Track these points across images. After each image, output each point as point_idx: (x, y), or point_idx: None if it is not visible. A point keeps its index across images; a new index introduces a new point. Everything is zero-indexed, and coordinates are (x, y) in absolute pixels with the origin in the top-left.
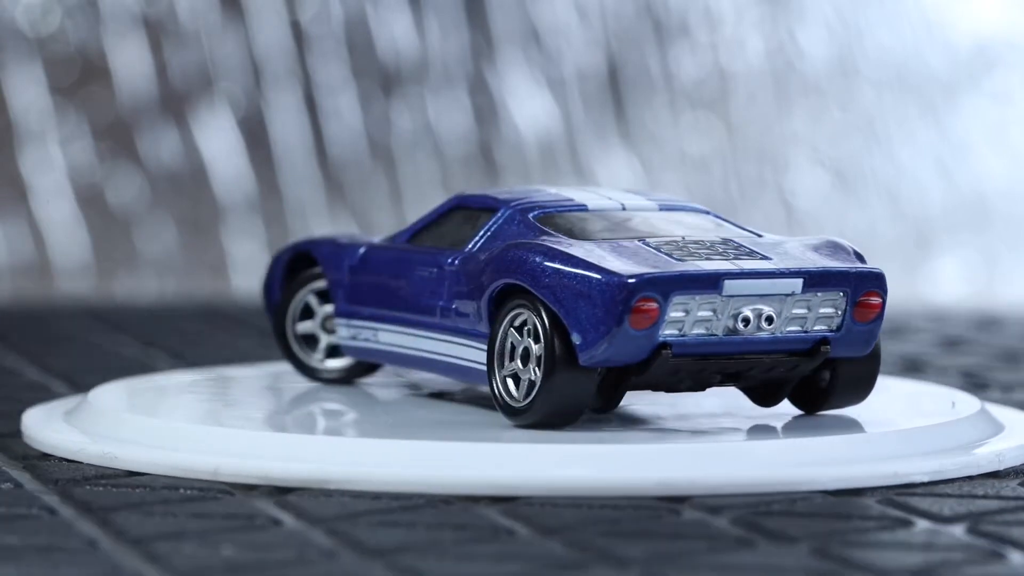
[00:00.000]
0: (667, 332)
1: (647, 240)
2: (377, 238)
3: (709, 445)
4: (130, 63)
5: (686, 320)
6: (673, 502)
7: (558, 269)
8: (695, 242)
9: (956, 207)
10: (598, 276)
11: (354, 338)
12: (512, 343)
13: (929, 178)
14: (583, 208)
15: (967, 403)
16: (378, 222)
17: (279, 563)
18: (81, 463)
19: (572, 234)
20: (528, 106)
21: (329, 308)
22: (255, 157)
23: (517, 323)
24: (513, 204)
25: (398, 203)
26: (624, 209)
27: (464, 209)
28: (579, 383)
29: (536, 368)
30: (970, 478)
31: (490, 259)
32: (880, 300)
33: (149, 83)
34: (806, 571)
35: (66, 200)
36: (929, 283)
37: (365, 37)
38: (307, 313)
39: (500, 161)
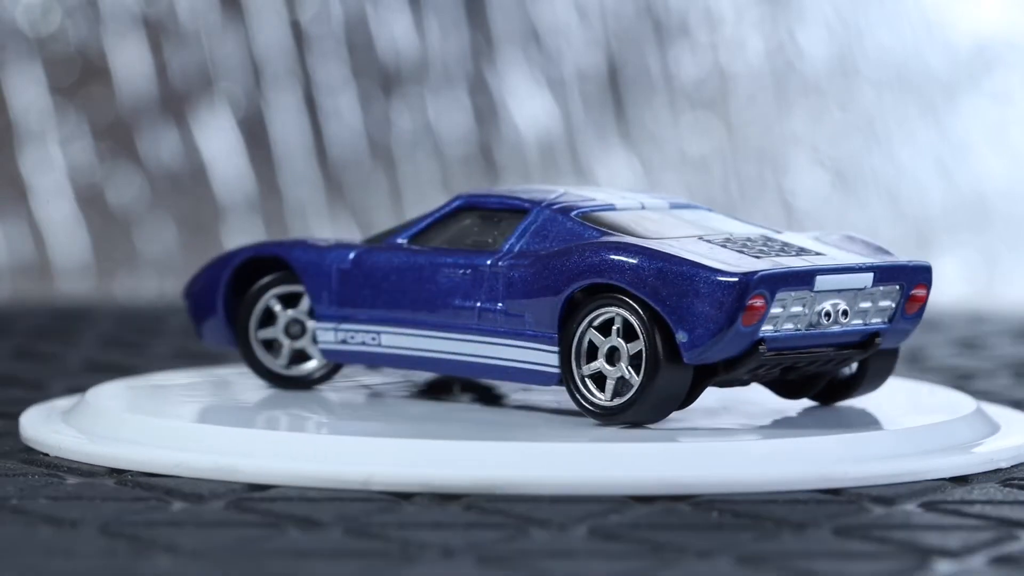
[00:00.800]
0: (764, 328)
1: (705, 238)
2: (341, 239)
3: (865, 434)
4: (130, 63)
5: (781, 316)
6: (828, 493)
7: (662, 268)
8: (748, 239)
9: (956, 207)
10: (709, 274)
11: (344, 342)
12: (591, 342)
13: (929, 178)
14: (612, 207)
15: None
16: (378, 222)
17: (641, 570)
18: (180, 476)
19: (627, 233)
20: (528, 106)
21: (292, 313)
22: (255, 157)
23: (598, 323)
24: (546, 204)
25: (398, 203)
26: (644, 208)
27: (476, 210)
28: (679, 381)
29: (629, 367)
30: None
31: (562, 259)
32: (926, 292)
33: (149, 83)
34: None
35: (66, 200)
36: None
37: (365, 37)
38: (267, 318)
39: (500, 161)
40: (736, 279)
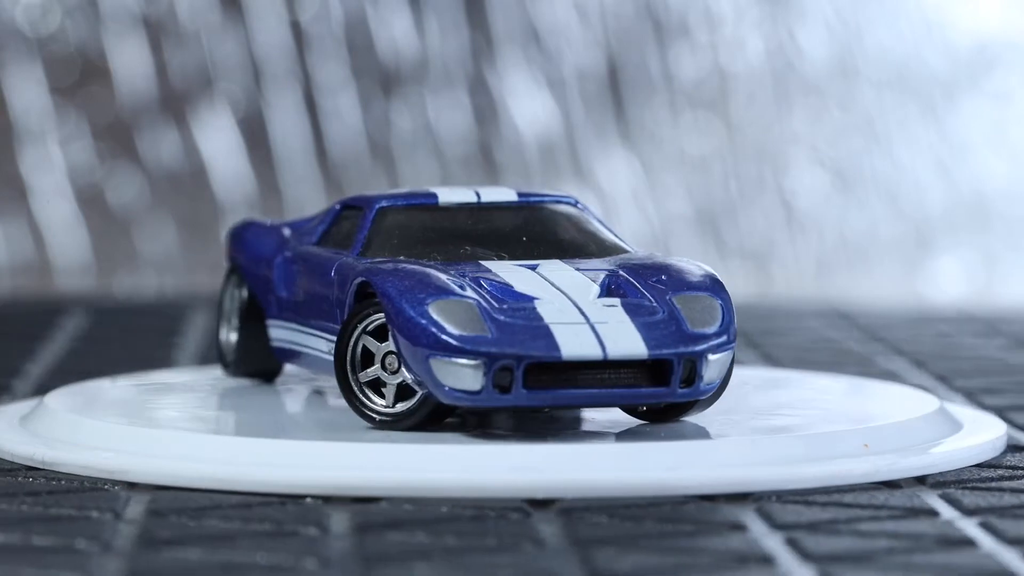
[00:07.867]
0: None
1: None
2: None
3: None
4: (130, 63)
5: None
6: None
7: None
8: None
9: (956, 207)
10: None
11: None
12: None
13: (929, 178)
14: None
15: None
16: None
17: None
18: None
19: None
20: (528, 106)
21: (387, 346)
22: (255, 157)
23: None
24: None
25: None
26: None
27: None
28: None
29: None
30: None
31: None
32: None
33: (149, 83)
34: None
35: (66, 200)
36: (929, 283)
37: (365, 37)
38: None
39: (500, 161)
40: None
